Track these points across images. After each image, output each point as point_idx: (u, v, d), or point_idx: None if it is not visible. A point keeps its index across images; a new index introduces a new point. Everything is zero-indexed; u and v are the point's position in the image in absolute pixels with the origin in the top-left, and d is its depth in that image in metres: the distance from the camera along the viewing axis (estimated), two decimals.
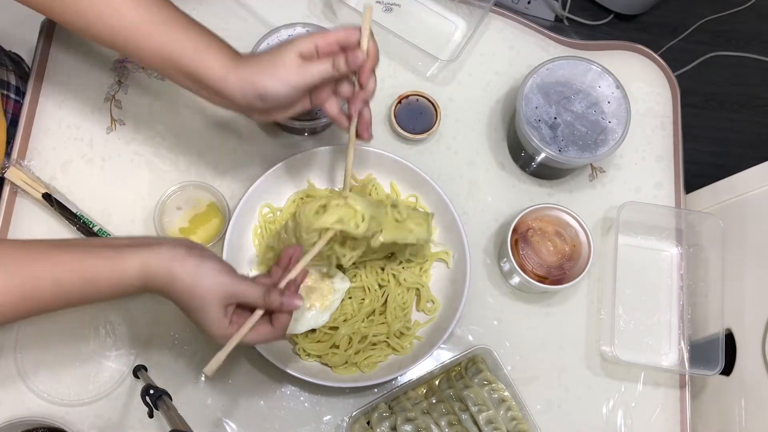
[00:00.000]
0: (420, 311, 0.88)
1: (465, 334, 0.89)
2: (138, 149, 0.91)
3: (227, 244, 0.83)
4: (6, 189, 0.87)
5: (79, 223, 0.86)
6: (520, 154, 0.94)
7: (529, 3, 1.88)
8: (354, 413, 0.82)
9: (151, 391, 0.72)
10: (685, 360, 0.89)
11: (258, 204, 0.87)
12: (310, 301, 0.80)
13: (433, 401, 0.84)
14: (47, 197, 0.86)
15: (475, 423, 0.82)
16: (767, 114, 1.93)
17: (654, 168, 0.98)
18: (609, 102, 0.89)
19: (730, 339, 0.91)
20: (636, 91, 0.99)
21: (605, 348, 0.88)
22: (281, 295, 0.67)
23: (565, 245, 0.88)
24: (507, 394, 0.83)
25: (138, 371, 0.82)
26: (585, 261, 0.86)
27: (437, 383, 0.86)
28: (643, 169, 0.97)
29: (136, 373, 0.82)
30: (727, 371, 0.92)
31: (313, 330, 0.83)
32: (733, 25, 1.97)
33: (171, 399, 0.72)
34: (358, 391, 0.85)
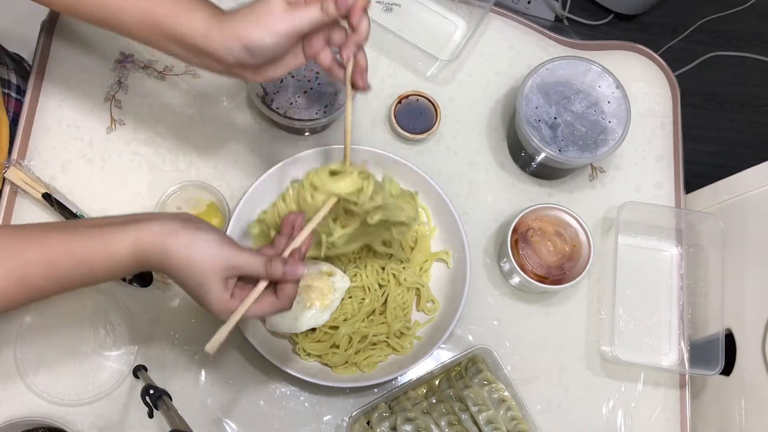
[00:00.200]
0: (420, 311, 0.88)
1: (465, 334, 0.89)
2: (138, 149, 0.91)
3: None
4: (6, 189, 0.87)
5: None
6: (520, 154, 0.94)
7: (529, 3, 1.88)
8: (354, 413, 0.82)
9: (151, 391, 0.72)
10: (685, 360, 0.89)
11: (258, 205, 0.87)
12: (310, 301, 0.80)
13: (433, 401, 0.84)
14: (47, 197, 0.86)
15: (475, 423, 0.82)
16: (767, 114, 1.93)
17: (654, 168, 0.98)
18: (609, 102, 0.89)
19: (730, 339, 0.91)
20: (636, 91, 0.99)
21: (605, 348, 0.88)
22: (284, 264, 0.64)
23: (565, 245, 0.88)
24: (507, 394, 0.83)
25: (138, 371, 0.82)
26: (585, 261, 0.86)
27: (437, 383, 0.86)
28: (643, 169, 0.97)
29: (136, 373, 0.82)
30: (727, 371, 0.92)
31: (313, 329, 0.83)
32: (733, 25, 1.97)
33: (171, 399, 0.72)
34: (358, 391, 0.85)
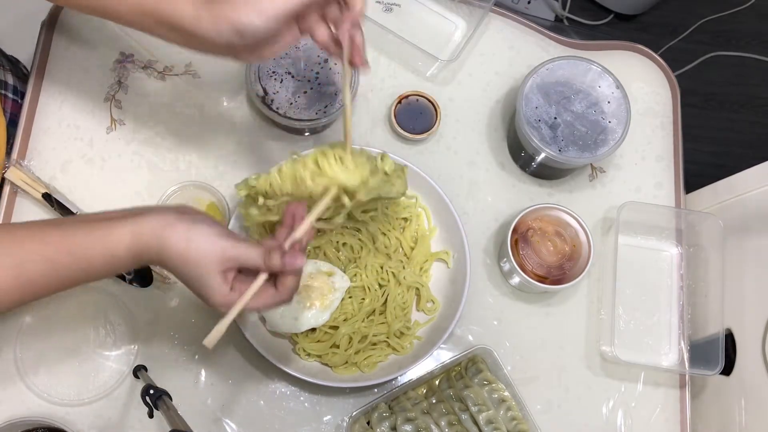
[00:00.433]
0: (420, 311, 0.88)
1: (465, 334, 0.89)
2: (138, 149, 0.91)
3: None
4: (6, 189, 0.87)
5: None
6: (520, 154, 0.94)
7: (529, 3, 1.88)
8: (354, 413, 0.82)
9: (151, 391, 0.72)
10: (685, 360, 0.89)
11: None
12: (310, 301, 0.80)
13: (433, 401, 0.84)
14: (47, 197, 0.86)
15: (475, 423, 0.82)
16: (767, 114, 1.92)
17: (654, 168, 0.98)
18: (609, 102, 0.89)
19: (730, 339, 0.91)
20: (636, 91, 0.99)
21: (605, 348, 0.88)
22: (283, 256, 0.62)
23: (565, 245, 0.88)
24: (507, 394, 0.83)
25: (138, 371, 0.82)
26: (585, 261, 0.86)
27: (437, 383, 0.86)
28: (643, 169, 0.97)
29: (136, 373, 0.82)
30: (727, 371, 0.92)
31: (313, 329, 0.83)
32: (733, 25, 1.97)
33: (171, 399, 0.72)
34: (358, 391, 0.85)
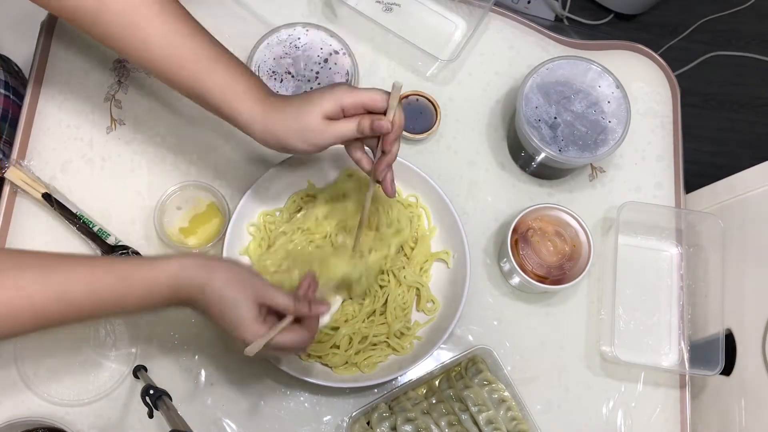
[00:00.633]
0: (420, 311, 0.88)
1: (465, 334, 0.89)
2: (138, 149, 0.91)
3: (227, 244, 0.83)
4: (6, 189, 0.87)
5: (79, 223, 0.86)
6: (520, 154, 0.94)
7: (529, 3, 1.88)
8: (354, 413, 0.82)
9: (151, 391, 0.72)
10: (685, 360, 0.89)
11: (258, 205, 0.87)
12: None
13: (433, 401, 0.84)
14: (47, 197, 0.86)
15: (475, 423, 0.82)
16: (767, 114, 1.92)
17: (654, 168, 0.98)
18: (609, 102, 0.89)
19: (730, 339, 0.91)
20: (636, 91, 0.99)
21: (605, 348, 0.88)
22: (310, 303, 0.70)
23: (565, 245, 0.88)
24: (507, 394, 0.83)
25: (138, 371, 0.82)
26: (585, 261, 0.86)
27: (437, 383, 0.86)
28: (643, 169, 0.97)
29: (136, 373, 0.82)
30: (727, 371, 0.92)
31: None
32: (733, 25, 1.97)
33: (171, 399, 0.72)
34: (358, 391, 0.85)
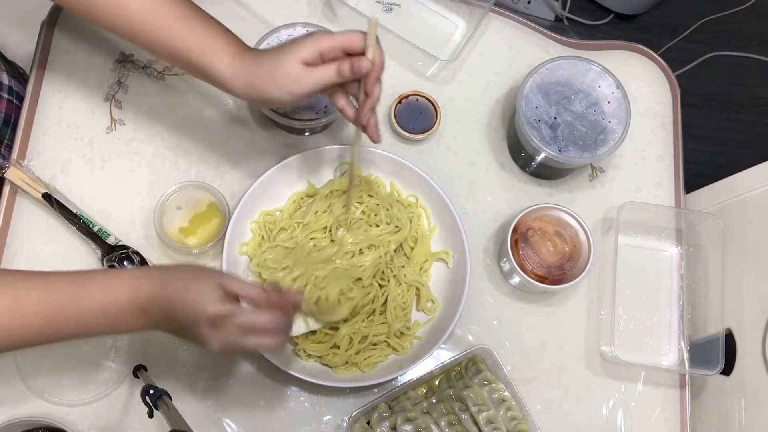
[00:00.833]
0: (420, 311, 0.87)
1: (465, 334, 0.89)
2: (138, 149, 0.91)
3: (227, 244, 0.83)
4: (6, 189, 0.87)
5: (79, 223, 0.86)
6: (520, 154, 0.94)
7: (529, 3, 1.88)
8: (354, 413, 0.82)
9: (151, 391, 0.72)
10: (685, 360, 0.89)
11: (258, 205, 0.87)
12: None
13: (433, 401, 0.84)
14: (47, 197, 0.86)
15: (475, 423, 0.82)
16: (767, 114, 1.92)
17: (654, 168, 0.98)
18: (609, 102, 0.89)
19: (730, 339, 0.91)
20: (636, 91, 0.99)
21: (605, 348, 0.88)
22: (281, 294, 0.68)
23: (565, 245, 0.88)
24: (507, 394, 0.83)
25: (138, 371, 0.82)
26: (585, 261, 0.86)
27: (437, 383, 0.86)
28: (643, 169, 0.97)
29: (136, 373, 0.82)
30: (727, 371, 0.92)
31: (314, 331, 0.83)
32: (733, 25, 1.97)
33: (171, 399, 0.72)
34: (358, 391, 0.85)
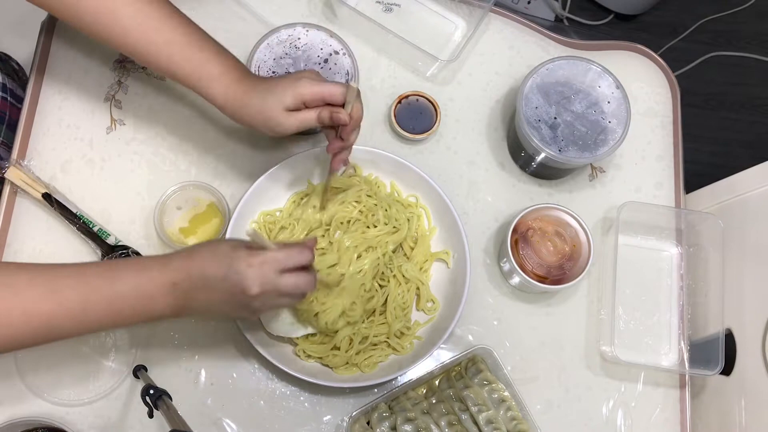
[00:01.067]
0: (420, 311, 0.87)
1: (465, 334, 0.89)
2: (138, 149, 0.91)
3: None
4: (6, 189, 0.87)
5: (79, 223, 0.86)
6: (520, 154, 0.94)
7: (529, 3, 1.87)
8: (354, 413, 0.82)
9: (151, 391, 0.72)
10: (685, 360, 0.89)
11: (258, 205, 0.87)
12: None
13: (433, 401, 0.84)
14: (47, 197, 0.86)
15: (475, 423, 0.82)
16: (767, 114, 1.92)
17: (654, 168, 0.98)
18: (609, 102, 0.89)
19: (730, 339, 0.91)
20: (636, 91, 0.99)
21: (605, 348, 0.88)
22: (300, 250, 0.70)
23: (565, 245, 0.88)
24: (507, 394, 0.83)
25: (138, 371, 0.82)
26: (585, 261, 0.86)
27: (437, 383, 0.86)
28: (643, 169, 0.97)
29: (136, 373, 0.82)
30: (727, 371, 0.92)
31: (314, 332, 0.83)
32: (733, 25, 1.97)
33: (171, 399, 0.72)
34: (358, 391, 0.85)
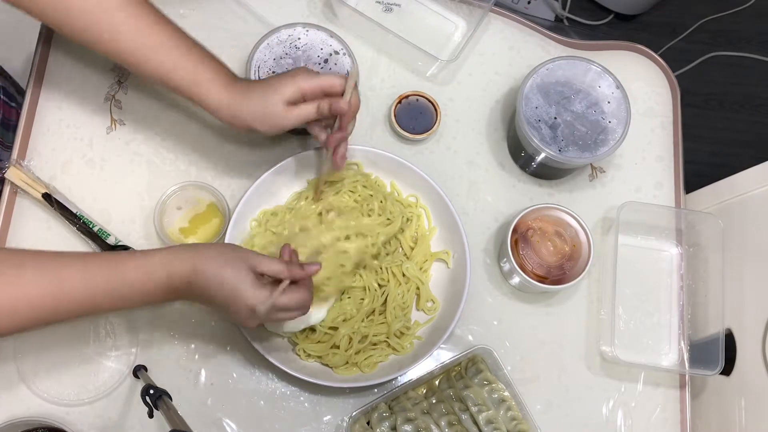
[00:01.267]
0: (420, 311, 0.88)
1: (465, 334, 0.89)
2: (138, 149, 0.91)
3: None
4: (6, 189, 0.87)
5: (79, 223, 0.86)
6: (520, 154, 0.94)
7: (529, 3, 1.87)
8: (354, 413, 0.82)
9: (151, 391, 0.72)
10: (685, 360, 0.89)
11: (258, 206, 0.87)
12: None
13: (433, 401, 0.84)
14: (47, 197, 0.86)
15: (475, 423, 0.82)
16: (767, 114, 1.92)
17: (654, 168, 0.98)
18: (609, 102, 0.89)
19: (730, 339, 0.91)
20: (636, 91, 0.99)
21: (605, 348, 0.88)
22: (302, 265, 0.73)
23: (565, 245, 0.88)
24: (507, 394, 0.83)
25: (138, 371, 0.82)
26: (585, 261, 0.86)
27: (437, 383, 0.86)
28: (643, 169, 0.97)
29: (136, 373, 0.82)
30: (727, 371, 0.92)
31: (313, 330, 0.83)
32: (733, 25, 1.97)
33: (171, 399, 0.72)
34: (358, 391, 0.85)
